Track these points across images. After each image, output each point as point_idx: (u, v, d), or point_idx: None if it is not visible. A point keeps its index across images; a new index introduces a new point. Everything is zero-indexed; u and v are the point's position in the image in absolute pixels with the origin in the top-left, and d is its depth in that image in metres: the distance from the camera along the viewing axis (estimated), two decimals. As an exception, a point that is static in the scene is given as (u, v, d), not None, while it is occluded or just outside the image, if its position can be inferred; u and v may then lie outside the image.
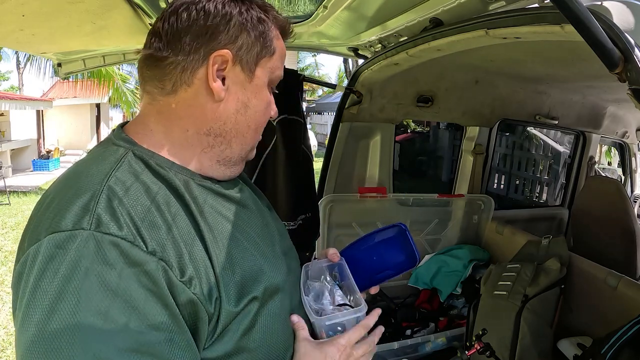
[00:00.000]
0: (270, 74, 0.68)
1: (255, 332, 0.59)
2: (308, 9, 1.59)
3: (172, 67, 0.61)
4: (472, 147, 2.38)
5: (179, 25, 0.61)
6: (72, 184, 0.54)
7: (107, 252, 0.47)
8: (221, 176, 0.68)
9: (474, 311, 1.70)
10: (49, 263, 0.47)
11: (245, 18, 0.63)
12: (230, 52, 0.62)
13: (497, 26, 1.01)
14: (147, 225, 0.51)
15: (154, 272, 0.49)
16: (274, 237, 0.73)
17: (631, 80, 0.70)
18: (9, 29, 1.23)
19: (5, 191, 8.20)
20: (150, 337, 0.47)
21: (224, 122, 0.64)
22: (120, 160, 0.57)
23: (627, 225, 2.09)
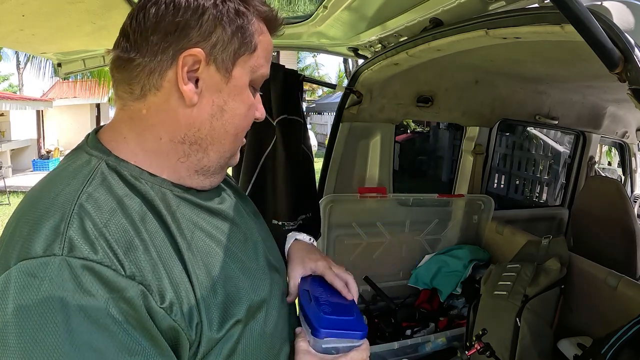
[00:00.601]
0: (252, 73, 0.60)
1: (238, 355, 0.55)
2: (308, 9, 1.60)
3: (139, 69, 0.55)
4: (472, 147, 2.38)
5: (146, 23, 0.55)
6: (42, 202, 0.49)
7: (83, 279, 0.43)
8: (200, 186, 0.62)
9: (474, 311, 1.70)
10: (21, 294, 0.42)
11: (221, 11, 0.56)
12: (203, 50, 0.55)
13: (497, 26, 1.01)
14: (124, 247, 0.47)
15: (134, 299, 0.45)
16: (257, 249, 0.68)
17: (631, 80, 0.70)
18: (8, 29, 1.23)
19: (5, 191, 8.21)
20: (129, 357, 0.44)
21: (198, 129, 0.58)
22: (93, 172, 0.52)
23: (627, 225, 2.09)
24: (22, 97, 12.35)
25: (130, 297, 0.45)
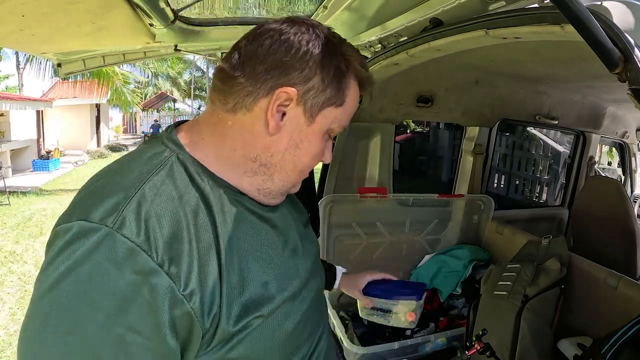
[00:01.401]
0: (332, 123, 0.66)
1: (247, 343, 0.59)
2: (308, 9, 1.59)
3: (238, 88, 0.61)
4: (472, 147, 2.38)
5: (257, 52, 0.61)
6: (115, 179, 0.57)
7: (119, 254, 0.49)
8: (257, 200, 0.68)
9: (474, 311, 1.70)
10: (68, 245, 0.50)
11: (324, 63, 0.62)
12: (298, 91, 0.61)
13: (497, 26, 1.01)
14: (167, 237, 0.53)
15: (156, 285, 0.50)
16: (297, 255, 0.73)
17: (631, 80, 0.70)
18: (8, 29, 1.23)
19: (5, 191, 8.20)
20: (133, 339, 0.49)
21: (271, 155, 0.64)
22: (163, 163, 0.59)
23: (627, 225, 2.09)
24: (22, 97, 12.34)
25: (153, 283, 0.50)
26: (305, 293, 0.71)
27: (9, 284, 4.50)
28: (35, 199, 8.47)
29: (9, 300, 4.13)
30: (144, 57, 1.98)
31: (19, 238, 5.95)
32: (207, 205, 0.59)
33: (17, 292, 4.32)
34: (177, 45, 1.81)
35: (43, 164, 11.34)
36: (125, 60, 1.95)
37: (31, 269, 4.90)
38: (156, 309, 0.50)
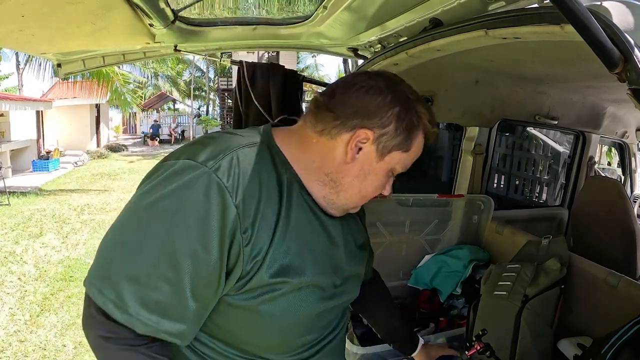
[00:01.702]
0: (397, 164, 0.80)
1: (273, 305, 0.73)
2: (308, 9, 1.59)
3: (329, 119, 0.76)
4: (471, 147, 2.37)
5: (350, 96, 0.76)
6: (216, 140, 0.74)
7: (211, 188, 0.66)
8: (321, 206, 0.81)
9: (474, 311, 1.70)
10: (174, 174, 0.67)
11: (400, 115, 0.75)
12: (375, 134, 0.75)
13: (497, 26, 1.01)
14: (243, 190, 0.68)
15: (228, 218, 0.66)
16: (336, 264, 0.84)
17: (631, 80, 0.70)
18: (8, 30, 1.23)
19: (5, 192, 8.20)
20: (203, 257, 0.66)
21: (343, 177, 0.78)
22: (256, 143, 0.75)
23: (627, 225, 2.09)
24: (21, 97, 12.33)
25: (227, 215, 0.66)
26: (333, 297, 0.83)
27: (9, 284, 4.50)
28: (35, 199, 8.46)
29: (9, 300, 4.13)
30: (143, 57, 1.98)
31: (19, 238, 5.95)
32: (280, 185, 0.74)
33: (17, 292, 4.32)
34: (176, 46, 1.81)
35: (43, 164, 11.33)
36: (125, 60, 1.95)
37: (31, 269, 4.90)
38: (224, 238, 0.66)
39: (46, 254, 5.41)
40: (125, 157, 16.00)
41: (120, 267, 0.66)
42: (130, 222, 0.68)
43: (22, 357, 3.22)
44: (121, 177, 11.54)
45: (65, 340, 3.45)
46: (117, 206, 8.10)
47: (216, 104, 30.68)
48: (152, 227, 0.66)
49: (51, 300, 4.16)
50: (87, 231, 6.43)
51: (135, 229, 0.67)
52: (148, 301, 0.65)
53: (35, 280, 4.64)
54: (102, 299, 0.66)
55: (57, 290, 4.39)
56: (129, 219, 0.69)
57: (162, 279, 0.65)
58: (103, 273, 0.67)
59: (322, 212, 0.81)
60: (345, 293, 0.88)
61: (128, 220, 0.69)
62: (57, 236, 6.13)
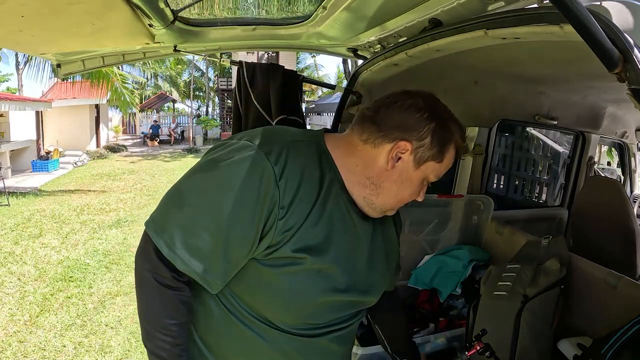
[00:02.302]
0: (430, 173, 0.90)
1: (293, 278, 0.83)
2: (307, 10, 1.59)
3: (373, 129, 0.87)
4: (471, 147, 2.37)
5: (393, 112, 0.87)
6: (275, 132, 0.88)
7: (261, 167, 0.78)
8: (360, 206, 0.91)
9: (473, 311, 1.70)
10: (234, 151, 0.81)
11: (436, 131, 0.86)
12: (413, 145, 0.85)
13: (496, 26, 1.01)
14: (288, 174, 0.79)
15: (270, 194, 0.78)
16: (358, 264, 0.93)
17: (630, 80, 0.70)
18: (8, 30, 1.23)
19: (5, 192, 8.20)
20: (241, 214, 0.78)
21: (383, 181, 0.89)
22: (308, 140, 0.88)
23: (627, 225, 2.09)
24: (21, 97, 12.33)
25: (269, 191, 0.78)
26: (349, 290, 0.91)
27: (9, 284, 4.49)
28: (34, 200, 8.46)
29: (9, 301, 4.12)
30: (143, 57, 1.98)
31: (18, 239, 5.95)
32: (321, 180, 0.85)
33: (17, 292, 4.32)
34: (176, 46, 1.81)
35: (42, 165, 11.33)
36: (125, 60, 1.95)
37: (30, 269, 4.90)
38: (263, 209, 0.78)
39: (46, 254, 5.41)
40: (125, 157, 15.99)
41: (175, 216, 0.81)
42: (192, 180, 0.83)
43: (22, 358, 3.22)
44: (121, 177, 11.53)
45: (65, 340, 3.44)
46: (116, 207, 8.10)
47: (216, 104, 30.68)
48: (208, 187, 0.80)
49: (51, 300, 4.16)
50: (87, 231, 6.43)
51: (193, 186, 0.82)
52: (191, 246, 0.79)
53: (35, 280, 4.64)
54: (157, 238, 0.80)
55: (57, 290, 4.38)
56: (191, 177, 0.83)
57: (206, 230, 0.78)
58: (162, 218, 0.82)
59: (357, 214, 0.91)
60: (360, 294, 0.95)
61: (190, 179, 0.83)
62: (57, 236, 6.13)
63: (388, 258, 1.05)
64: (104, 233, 6.34)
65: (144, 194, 9.54)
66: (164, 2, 1.34)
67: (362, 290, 0.95)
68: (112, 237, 6.15)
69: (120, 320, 3.79)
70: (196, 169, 0.84)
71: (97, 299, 4.20)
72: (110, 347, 3.36)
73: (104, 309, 3.98)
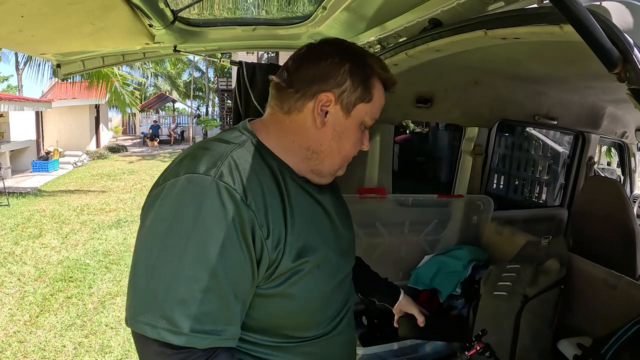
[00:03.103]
0: (364, 116, 0.85)
1: (299, 285, 0.78)
2: (307, 10, 1.59)
3: (290, 96, 0.82)
4: (471, 147, 2.37)
5: (301, 69, 0.82)
6: (207, 149, 0.76)
7: (222, 194, 0.69)
8: (311, 180, 0.88)
9: (473, 312, 1.70)
10: (183, 189, 0.70)
11: (352, 70, 0.81)
12: (334, 94, 0.81)
13: (496, 27, 1.01)
14: (250, 188, 0.72)
15: (245, 218, 0.70)
16: (336, 234, 0.92)
17: (630, 80, 0.70)
18: (8, 30, 1.23)
19: (5, 192, 8.20)
20: (229, 252, 0.69)
21: (321, 144, 0.84)
22: (244, 142, 0.80)
23: (627, 225, 2.09)
24: (21, 98, 12.33)
25: (244, 216, 0.70)
26: (340, 267, 0.91)
27: (8, 284, 4.49)
28: (34, 200, 8.45)
29: (9, 301, 4.12)
30: (143, 58, 1.98)
31: (18, 239, 5.95)
32: (275, 176, 0.79)
33: (17, 292, 4.31)
34: (176, 46, 1.81)
35: (42, 165, 11.33)
36: (125, 61, 1.95)
37: (30, 269, 4.89)
38: (247, 236, 0.70)
39: (46, 254, 5.41)
40: (124, 157, 15.99)
41: (163, 295, 0.66)
42: (157, 251, 0.68)
43: (22, 358, 3.22)
44: (121, 177, 11.53)
45: (65, 340, 3.44)
46: (116, 207, 8.10)
47: (216, 105, 30.68)
48: (180, 247, 0.67)
49: (51, 300, 4.15)
50: (87, 232, 6.43)
51: (163, 255, 0.68)
52: (199, 317, 0.67)
53: (35, 280, 4.63)
54: (156, 331, 0.66)
55: (57, 290, 4.38)
56: (153, 249, 0.69)
57: (206, 291, 0.67)
58: (147, 306, 0.67)
59: (315, 190, 0.88)
60: (348, 262, 0.96)
61: (153, 251, 0.69)
62: (57, 237, 6.13)
63: (347, 215, 1.04)
64: (104, 233, 6.34)
65: (144, 194, 9.53)
66: (164, 2, 1.34)
67: (346, 255, 0.95)
68: (112, 237, 6.15)
69: (120, 320, 3.78)
70: (152, 235, 0.70)
71: (97, 299, 4.20)
72: (110, 347, 3.36)
73: (104, 309, 3.97)
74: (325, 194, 0.92)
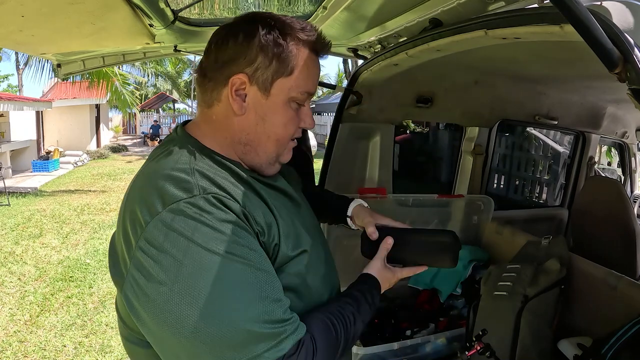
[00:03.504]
0: (290, 91, 0.75)
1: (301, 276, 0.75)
2: (307, 10, 1.59)
3: (207, 87, 0.75)
4: (471, 147, 2.37)
5: (211, 54, 0.75)
6: (162, 171, 0.69)
7: (216, 204, 0.64)
8: (260, 173, 0.80)
9: (474, 312, 1.70)
10: (174, 224, 0.62)
11: (262, 43, 0.72)
12: (247, 74, 0.72)
13: (497, 26, 1.01)
14: (231, 191, 0.68)
15: (241, 219, 0.66)
16: (305, 214, 0.88)
17: (631, 80, 0.70)
18: (8, 30, 1.23)
19: (5, 192, 8.20)
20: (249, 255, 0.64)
21: (247, 133, 0.76)
22: (194, 153, 0.73)
23: (627, 225, 2.09)
24: (21, 97, 12.34)
25: (241, 217, 0.66)
26: (320, 247, 0.86)
27: (9, 284, 4.49)
28: (34, 200, 8.46)
29: (9, 301, 4.12)
30: (143, 57, 1.98)
31: (19, 239, 5.95)
32: (239, 177, 0.73)
33: (17, 292, 4.32)
34: (176, 46, 1.81)
35: (43, 165, 11.33)
36: (125, 60, 1.95)
37: (31, 269, 4.90)
38: (248, 231, 0.66)
39: (46, 254, 5.41)
40: (125, 157, 16.00)
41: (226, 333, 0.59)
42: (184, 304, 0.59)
43: (22, 358, 3.22)
44: (121, 177, 11.53)
45: (65, 340, 3.44)
46: (116, 206, 8.10)
47: (216, 105, 30.57)
48: (205, 285, 0.60)
49: (51, 300, 4.15)
50: (87, 231, 6.43)
51: (196, 301, 0.59)
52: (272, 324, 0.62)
53: (35, 280, 4.63)
54: None
55: (57, 290, 4.38)
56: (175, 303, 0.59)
57: (259, 301, 0.62)
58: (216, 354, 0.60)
59: (269, 178, 0.81)
60: (321, 237, 0.91)
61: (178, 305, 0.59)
62: (57, 236, 6.13)
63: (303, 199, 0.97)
64: (105, 233, 6.34)
65: (144, 194, 9.52)
66: (164, 2, 1.34)
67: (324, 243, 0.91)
68: (112, 237, 6.15)
69: (121, 320, 3.79)
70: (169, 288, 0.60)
71: (98, 298, 4.20)
72: (111, 347, 3.36)
73: (104, 308, 3.97)
74: (280, 179, 0.86)
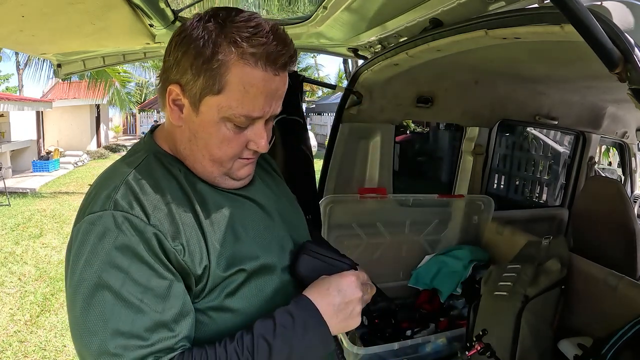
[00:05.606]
0: (220, 111, 0.66)
1: (238, 297, 0.70)
2: (308, 10, 1.60)
3: (158, 89, 0.73)
4: (472, 147, 2.37)
5: (165, 55, 0.70)
6: (105, 180, 0.70)
7: (121, 224, 0.63)
8: (220, 186, 0.75)
9: (474, 312, 1.70)
10: (86, 234, 0.63)
11: (194, 52, 0.64)
12: (180, 85, 0.67)
13: (497, 26, 1.01)
14: (150, 207, 0.65)
15: (151, 239, 0.63)
16: (276, 226, 0.80)
17: (631, 80, 0.70)
18: (8, 30, 1.23)
19: (5, 192, 8.20)
20: (153, 282, 0.63)
21: (184, 147, 0.72)
22: (143, 159, 0.71)
23: (627, 225, 2.09)
24: (22, 98, 12.34)
25: (149, 237, 0.63)
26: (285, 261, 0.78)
27: (9, 284, 4.50)
28: (35, 200, 8.46)
29: (9, 301, 4.12)
30: (143, 57, 1.98)
31: (19, 239, 5.95)
32: (181, 185, 0.70)
33: (17, 292, 4.32)
34: (177, 46, 1.81)
35: (43, 165, 11.33)
36: (125, 60, 1.95)
37: (31, 269, 4.90)
38: (159, 257, 0.63)
39: (46, 254, 5.41)
40: (125, 157, 15.97)
41: (104, 343, 0.60)
42: (81, 304, 0.62)
43: (22, 358, 3.22)
44: (121, 177, 11.53)
45: (66, 340, 3.44)
46: (117, 206, 8.10)
47: (216, 105, 30.58)
48: (98, 295, 0.61)
49: (51, 300, 4.16)
50: (87, 231, 6.44)
51: (88, 306, 0.61)
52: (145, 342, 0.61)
53: (36, 280, 4.64)
54: None
55: (58, 290, 4.38)
56: (77, 301, 0.62)
57: (146, 318, 0.62)
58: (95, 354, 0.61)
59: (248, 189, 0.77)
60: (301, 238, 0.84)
61: (78, 303, 0.62)
62: (58, 236, 6.13)
63: (297, 212, 0.93)
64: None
65: (144, 194, 9.53)
66: (165, 2, 1.34)
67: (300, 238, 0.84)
68: (112, 237, 6.15)
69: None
70: (73, 287, 0.63)
71: (98, 299, 4.21)
72: (111, 347, 3.36)
73: (104, 309, 3.98)
74: (253, 184, 0.80)
